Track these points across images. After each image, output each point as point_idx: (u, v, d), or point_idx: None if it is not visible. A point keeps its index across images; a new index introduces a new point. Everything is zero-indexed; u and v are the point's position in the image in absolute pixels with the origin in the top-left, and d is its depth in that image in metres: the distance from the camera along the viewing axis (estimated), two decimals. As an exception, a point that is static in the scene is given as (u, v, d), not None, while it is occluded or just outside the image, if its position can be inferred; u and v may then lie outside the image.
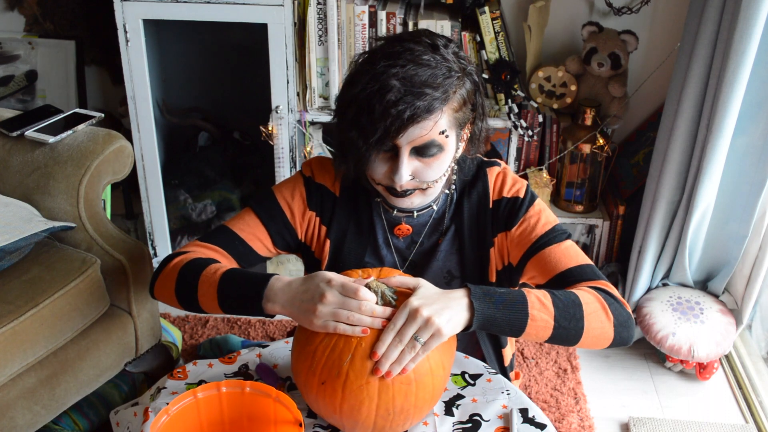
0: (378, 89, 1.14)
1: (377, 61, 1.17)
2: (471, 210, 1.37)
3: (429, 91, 1.15)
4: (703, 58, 1.99)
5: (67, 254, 1.82)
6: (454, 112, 1.21)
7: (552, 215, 1.35)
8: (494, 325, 1.13)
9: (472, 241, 1.37)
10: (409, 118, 1.14)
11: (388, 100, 1.14)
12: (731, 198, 2.14)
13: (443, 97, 1.17)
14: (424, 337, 1.08)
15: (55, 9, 2.78)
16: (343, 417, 1.12)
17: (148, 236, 2.57)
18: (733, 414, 2.15)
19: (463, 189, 1.38)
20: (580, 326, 1.17)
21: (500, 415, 1.24)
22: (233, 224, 1.37)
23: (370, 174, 1.26)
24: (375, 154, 1.21)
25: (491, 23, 2.21)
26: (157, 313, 2.02)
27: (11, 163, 1.88)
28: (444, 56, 1.19)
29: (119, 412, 1.35)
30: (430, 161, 1.22)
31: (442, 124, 1.19)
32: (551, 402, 2.15)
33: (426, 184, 1.25)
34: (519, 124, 2.30)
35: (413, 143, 1.19)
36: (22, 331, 1.65)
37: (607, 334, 1.21)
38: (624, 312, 1.23)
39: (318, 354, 1.11)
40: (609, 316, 1.20)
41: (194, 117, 2.75)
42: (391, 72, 1.15)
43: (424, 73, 1.15)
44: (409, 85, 1.14)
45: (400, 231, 1.38)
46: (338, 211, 1.39)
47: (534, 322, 1.14)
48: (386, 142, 1.18)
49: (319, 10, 2.21)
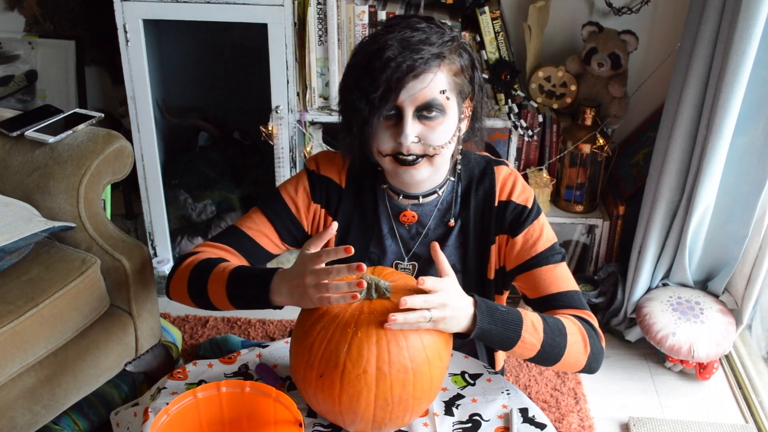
0: (377, 49, 1.21)
1: (377, 34, 1.25)
2: (477, 206, 1.39)
3: (425, 47, 1.21)
4: (703, 58, 1.99)
5: (67, 254, 1.82)
6: (453, 75, 1.25)
7: (552, 233, 1.39)
8: (488, 338, 1.20)
9: (476, 237, 1.39)
10: (408, 68, 1.19)
11: (387, 57, 1.19)
12: (731, 198, 2.14)
13: (439, 53, 1.22)
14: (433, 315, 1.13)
15: (55, 9, 2.78)
16: (343, 409, 1.12)
17: (148, 236, 2.57)
18: (733, 414, 2.15)
19: (469, 184, 1.40)
20: (560, 354, 1.25)
21: (500, 414, 1.25)
22: (241, 223, 1.42)
23: (377, 145, 1.28)
24: (378, 119, 1.24)
25: (491, 23, 2.21)
26: (157, 313, 2.02)
27: (11, 163, 1.88)
28: (438, 25, 1.26)
29: (119, 412, 1.35)
30: (434, 124, 1.25)
31: (441, 82, 1.23)
32: (551, 402, 2.15)
33: (432, 148, 1.27)
34: (519, 124, 2.30)
35: (415, 101, 1.22)
36: (22, 331, 1.65)
37: (579, 363, 1.29)
38: (599, 346, 1.31)
39: (315, 347, 1.12)
40: (586, 348, 1.28)
41: (194, 117, 2.75)
42: (389, 36, 1.21)
43: (419, 35, 1.22)
44: (406, 44, 1.20)
45: (405, 218, 1.40)
46: (344, 202, 1.41)
47: (523, 343, 1.21)
48: (388, 98, 1.21)
49: (319, 10, 2.21)
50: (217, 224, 2.68)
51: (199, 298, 1.33)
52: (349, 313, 1.12)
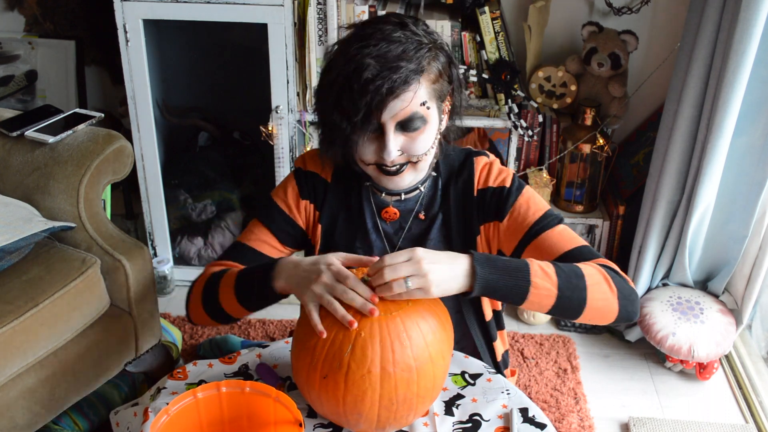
0: (354, 69, 1.18)
1: (350, 45, 1.21)
2: (457, 198, 1.39)
3: (403, 64, 1.18)
4: (703, 58, 1.99)
5: (67, 254, 1.82)
6: (432, 83, 1.24)
7: (542, 201, 1.36)
8: (496, 290, 1.15)
9: (459, 229, 1.39)
10: (388, 91, 1.17)
11: (366, 78, 1.17)
12: (731, 198, 2.14)
13: (418, 68, 1.20)
14: (413, 284, 1.10)
15: (55, 9, 2.78)
16: (347, 410, 1.12)
17: (148, 236, 2.57)
18: (733, 414, 2.15)
19: (449, 177, 1.40)
20: (582, 296, 1.18)
21: (500, 414, 1.25)
22: (243, 237, 1.44)
23: (360, 156, 1.28)
24: (361, 135, 1.23)
25: (491, 23, 2.21)
26: (157, 313, 2.02)
27: (11, 163, 1.88)
28: (413, 31, 1.23)
29: (119, 412, 1.35)
30: (416, 135, 1.25)
31: (422, 95, 1.22)
32: (551, 402, 2.15)
33: (416, 157, 1.27)
34: (519, 124, 2.30)
35: (396, 118, 1.22)
36: (22, 331, 1.65)
37: (611, 307, 1.21)
38: (627, 286, 1.23)
39: (318, 349, 1.11)
40: (612, 288, 1.21)
41: (194, 117, 2.75)
42: (365, 52, 1.18)
43: (396, 49, 1.19)
44: (384, 62, 1.17)
45: (387, 214, 1.40)
46: (330, 197, 1.42)
47: (536, 289, 1.15)
48: (370, 120, 1.20)
49: (319, 10, 2.21)
50: (217, 224, 2.68)
51: (215, 312, 1.34)
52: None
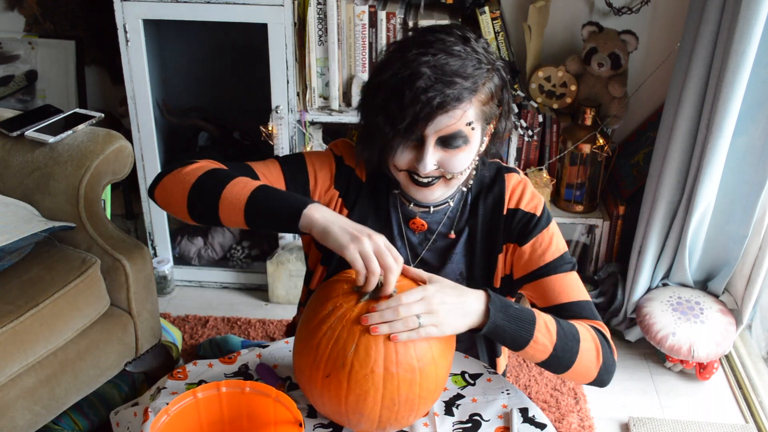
0: (409, 75, 1.15)
1: (409, 49, 1.18)
2: (486, 214, 1.37)
3: (459, 80, 1.16)
4: (703, 58, 1.99)
5: (67, 254, 1.82)
6: (482, 105, 1.21)
7: (562, 241, 1.35)
8: (500, 335, 1.17)
9: (483, 245, 1.38)
10: (438, 105, 1.15)
11: (419, 87, 1.14)
12: (731, 198, 2.14)
13: (472, 88, 1.18)
14: (425, 321, 1.10)
15: (55, 9, 2.78)
16: (349, 410, 1.12)
17: (148, 236, 2.57)
18: (733, 414, 2.15)
19: (479, 192, 1.38)
20: (571, 361, 1.21)
21: (500, 414, 1.25)
22: (255, 166, 1.32)
23: (394, 161, 1.25)
24: (402, 142, 1.21)
25: (491, 23, 2.21)
26: (157, 313, 2.02)
27: (11, 163, 1.88)
28: (474, 48, 1.20)
29: (119, 412, 1.35)
30: (455, 152, 1.22)
31: (470, 115, 1.20)
32: (551, 402, 2.15)
33: (450, 174, 1.25)
34: (519, 124, 2.30)
35: (440, 132, 1.20)
36: (22, 331, 1.65)
37: (590, 374, 1.25)
38: (611, 359, 1.27)
39: (321, 347, 1.11)
40: (599, 360, 1.24)
41: (194, 117, 2.75)
42: (423, 60, 1.16)
43: (455, 63, 1.16)
44: (440, 74, 1.15)
45: (415, 225, 1.38)
46: (362, 197, 1.38)
47: (535, 344, 1.18)
48: (414, 130, 1.18)
49: (319, 10, 2.21)
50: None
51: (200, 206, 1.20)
52: (355, 312, 1.12)
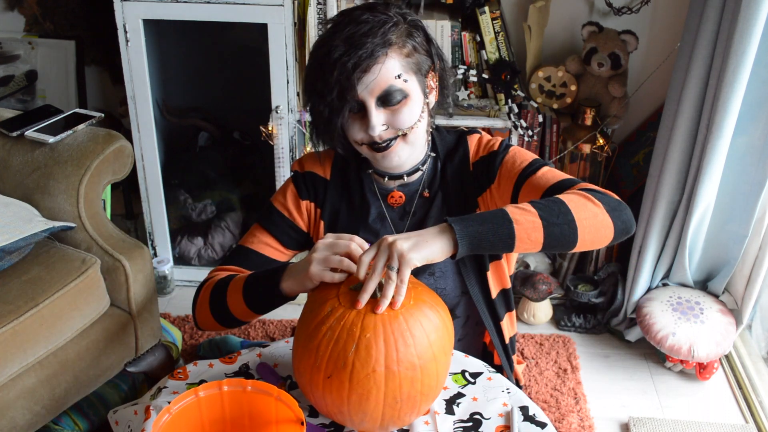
0: (326, 52, 1.25)
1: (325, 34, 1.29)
2: (454, 175, 1.42)
3: (368, 39, 1.24)
4: (703, 58, 2.00)
5: (67, 254, 1.82)
6: (405, 56, 1.27)
7: (528, 153, 1.37)
8: (482, 240, 1.13)
9: (459, 206, 1.41)
10: (354, 66, 1.23)
11: (335, 58, 1.23)
12: (731, 198, 2.14)
13: (384, 42, 1.24)
14: (395, 264, 1.11)
15: (55, 9, 2.78)
16: (351, 410, 1.12)
17: (148, 236, 2.57)
18: (733, 414, 2.15)
19: (446, 157, 1.43)
20: (570, 219, 1.15)
21: (501, 413, 1.25)
22: (245, 241, 1.47)
23: (351, 137, 1.32)
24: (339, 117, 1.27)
25: (491, 23, 2.21)
26: (157, 313, 2.02)
27: (11, 163, 1.88)
28: (382, 11, 1.28)
29: (118, 411, 1.35)
30: (398, 108, 1.28)
31: (394, 67, 1.25)
32: (551, 402, 2.15)
33: (402, 131, 1.30)
34: (519, 124, 2.30)
35: (373, 93, 1.26)
36: (22, 331, 1.65)
37: (604, 222, 1.18)
38: (611, 198, 1.21)
39: (322, 348, 1.11)
40: (597, 204, 1.19)
41: (194, 117, 2.75)
42: (334, 36, 1.25)
43: (363, 28, 1.25)
44: (351, 41, 1.24)
45: (393, 199, 1.43)
46: (330, 192, 1.45)
47: (520, 225, 1.13)
48: (345, 97, 1.25)
49: (319, 10, 2.21)
50: (217, 224, 2.68)
51: (222, 316, 1.37)
52: (354, 313, 1.12)
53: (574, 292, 2.43)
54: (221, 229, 2.69)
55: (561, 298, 2.55)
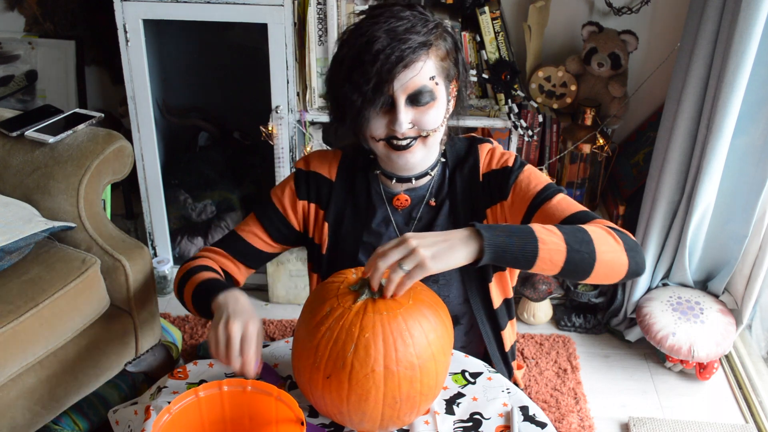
0: (366, 42, 1.23)
1: (361, 24, 1.27)
2: (463, 184, 1.41)
3: (412, 36, 1.23)
4: (703, 58, 2.00)
5: (67, 254, 1.82)
6: (440, 60, 1.28)
7: (543, 175, 1.37)
8: (506, 252, 1.12)
9: (466, 215, 1.40)
10: (397, 59, 1.22)
11: (377, 49, 1.21)
12: (731, 198, 2.14)
13: (426, 41, 1.24)
14: (408, 266, 1.09)
15: (55, 9, 2.78)
16: (351, 410, 1.12)
17: (148, 236, 2.57)
18: (733, 414, 2.15)
19: (455, 165, 1.42)
20: (591, 249, 1.16)
21: (501, 413, 1.25)
22: (238, 228, 1.50)
23: (371, 132, 1.30)
24: (372, 109, 1.26)
25: (491, 23, 2.21)
26: (157, 313, 2.02)
27: (11, 163, 1.88)
28: (420, 12, 1.28)
29: (118, 411, 1.35)
30: (426, 109, 1.27)
31: (430, 69, 1.26)
32: (551, 402, 2.15)
33: (426, 132, 1.30)
34: (519, 124, 2.30)
35: (407, 90, 1.25)
36: (22, 331, 1.65)
37: (621, 259, 1.19)
38: (630, 239, 1.22)
39: (321, 348, 1.11)
40: (618, 240, 1.20)
41: (194, 117, 2.75)
42: (375, 27, 1.23)
43: (405, 24, 1.24)
44: (393, 34, 1.22)
45: (399, 202, 1.42)
46: (335, 194, 1.44)
47: (545, 245, 1.13)
48: (381, 90, 1.23)
49: (319, 10, 2.21)
50: (217, 224, 2.68)
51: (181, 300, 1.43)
52: (353, 313, 1.12)
53: (574, 292, 2.43)
54: (221, 229, 2.69)
55: (561, 298, 2.55)
